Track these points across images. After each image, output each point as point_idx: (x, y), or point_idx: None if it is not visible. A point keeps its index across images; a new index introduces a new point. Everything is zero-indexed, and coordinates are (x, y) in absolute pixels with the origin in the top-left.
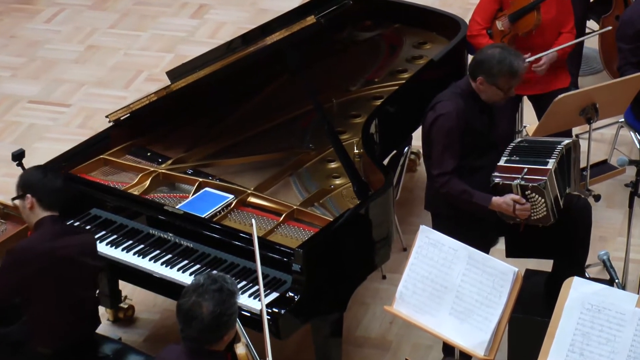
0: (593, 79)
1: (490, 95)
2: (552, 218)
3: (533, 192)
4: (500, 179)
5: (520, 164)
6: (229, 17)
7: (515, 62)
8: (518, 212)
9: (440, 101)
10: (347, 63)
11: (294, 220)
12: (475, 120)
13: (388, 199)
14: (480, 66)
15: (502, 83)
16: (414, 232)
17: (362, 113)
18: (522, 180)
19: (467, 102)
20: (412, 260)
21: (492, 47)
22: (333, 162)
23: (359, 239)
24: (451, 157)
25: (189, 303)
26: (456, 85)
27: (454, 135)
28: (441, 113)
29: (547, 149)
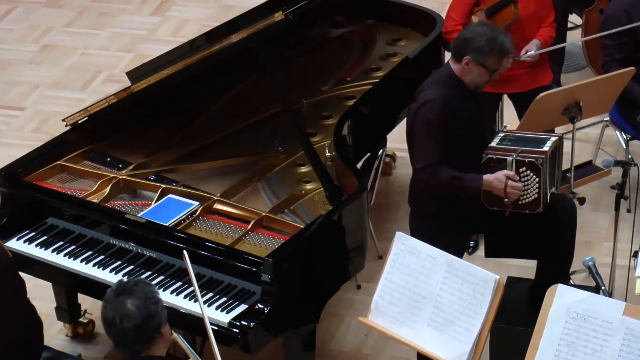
0: (576, 76)
1: (475, 78)
2: (541, 204)
3: (529, 170)
4: (493, 154)
5: (514, 146)
6: (192, 14)
7: (506, 42)
8: (509, 190)
9: (421, 91)
10: (317, 61)
11: (262, 227)
12: (461, 108)
13: (362, 204)
14: (469, 44)
15: (490, 63)
16: (389, 239)
17: (334, 114)
18: (518, 155)
19: (451, 90)
20: (388, 269)
21: (480, 25)
22: (304, 166)
23: (331, 246)
24: (436, 147)
25: (113, 308)
26: (437, 73)
27: (436, 124)
28: (423, 102)
29: (537, 140)
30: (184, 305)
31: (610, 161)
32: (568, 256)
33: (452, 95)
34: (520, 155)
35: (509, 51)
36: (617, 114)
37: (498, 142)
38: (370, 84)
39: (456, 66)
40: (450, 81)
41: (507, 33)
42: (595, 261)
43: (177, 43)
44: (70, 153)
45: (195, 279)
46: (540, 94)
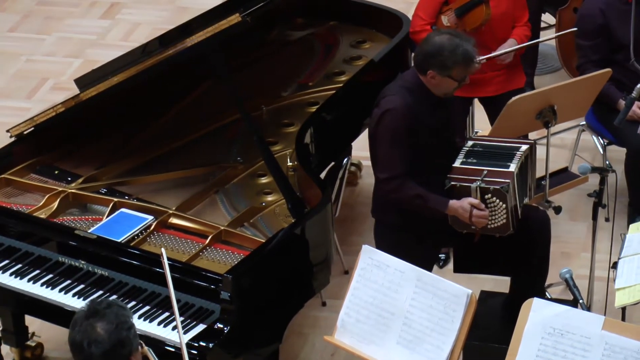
0: (551, 79)
1: (443, 88)
2: (511, 227)
3: (494, 196)
4: (456, 181)
5: (479, 166)
6: (144, 16)
7: (469, 48)
8: (475, 218)
9: (385, 96)
10: (277, 66)
11: (221, 242)
12: (427, 116)
13: (326, 216)
14: (431, 59)
15: (457, 73)
16: (356, 253)
17: (296, 121)
18: (482, 182)
19: (417, 96)
20: (355, 284)
21: (439, 34)
22: (264, 176)
23: (294, 262)
24: (400, 158)
25: (82, 331)
26: (402, 77)
27: (401, 134)
28: (386, 109)
29: (506, 153)
30: (139, 326)
31: (587, 168)
32: (543, 269)
33: (418, 102)
34: (484, 181)
35: (473, 57)
36: (594, 118)
37: (463, 159)
38: (334, 89)
39: (422, 77)
40: (416, 88)
41: (478, 33)
42: (572, 273)
43: (128, 48)
44: (16, 166)
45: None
46: (512, 98)
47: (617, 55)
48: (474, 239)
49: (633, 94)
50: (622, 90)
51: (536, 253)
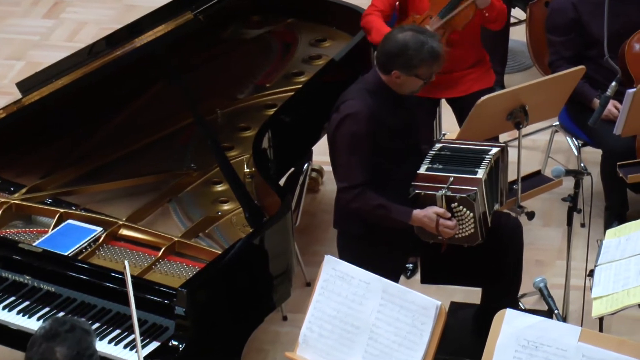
0: (521, 77)
1: (408, 87)
2: (479, 237)
3: (461, 205)
4: (421, 189)
5: (445, 172)
6: (90, 15)
7: (434, 45)
8: (441, 228)
9: (345, 100)
10: (233, 67)
11: (175, 254)
12: (390, 118)
13: (286, 225)
14: (395, 59)
15: (423, 72)
16: (318, 264)
17: (253, 125)
18: (449, 190)
19: (379, 98)
20: (317, 297)
21: (401, 31)
22: (220, 184)
23: (253, 274)
24: (360, 166)
25: (39, 353)
26: (363, 79)
27: (362, 140)
28: (346, 114)
29: (474, 157)
30: None
31: (561, 170)
32: (515, 279)
33: (379, 105)
34: (451, 189)
35: (440, 53)
36: (567, 117)
37: (429, 165)
38: (292, 91)
39: (385, 77)
40: (378, 89)
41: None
42: (546, 282)
43: (74, 49)
44: None
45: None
46: (481, 98)
47: (591, 51)
48: (440, 249)
49: (608, 92)
50: (596, 88)
51: (507, 262)
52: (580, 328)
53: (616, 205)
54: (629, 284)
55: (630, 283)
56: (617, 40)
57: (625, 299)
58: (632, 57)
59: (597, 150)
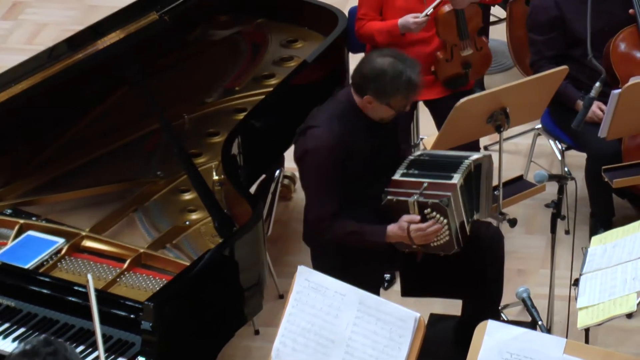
0: (502, 78)
1: (379, 114)
2: (455, 245)
3: (434, 211)
4: (393, 195)
5: (420, 177)
6: (50, 16)
7: (413, 75)
8: (413, 234)
9: (312, 126)
10: (200, 69)
11: (141, 266)
12: (360, 143)
13: (257, 235)
14: (370, 83)
15: (395, 102)
16: (291, 275)
17: (222, 130)
18: (421, 196)
19: (349, 123)
20: (290, 310)
21: (381, 56)
22: (187, 192)
23: (223, 286)
24: (329, 198)
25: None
26: (336, 99)
27: (328, 172)
28: (310, 148)
29: (452, 163)
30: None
31: (544, 175)
32: (496, 291)
33: (350, 130)
34: (423, 195)
35: (417, 86)
36: (550, 120)
37: (404, 171)
38: (263, 94)
39: (357, 98)
40: (349, 111)
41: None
42: (530, 292)
43: (33, 52)
44: None
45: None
46: (460, 100)
47: (574, 50)
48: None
49: (591, 93)
50: (580, 89)
51: (488, 274)
52: (566, 340)
53: (602, 211)
54: (615, 293)
55: (616, 292)
56: (601, 39)
57: (612, 309)
58: (617, 56)
59: (582, 154)
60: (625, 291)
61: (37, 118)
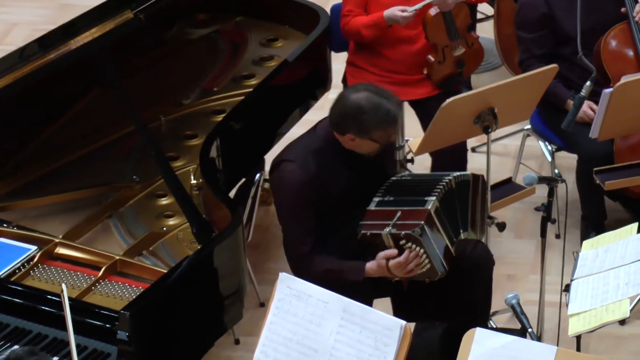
0: (490, 77)
1: (365, 149)
2: (439, 271)
3: (409, 242)
4: (367, 229)
5: (394, 205)
6: (21, 15)
7: (390, 107)
8: (393, 270)
9: (285, 160)
10: (177, 69)
11: (116, 274)
12: (336, 182)
13: (237, 241)
14: (348, 121)
15: (379, 136)
16: (272, 282)
17: (200, 132)
18: (394, 227)
19: (325, 159)
20: (272, 318)
21: (355, 92)
22: (164, 197)
23: (202, 294)
24: (304, 236)
25: None
26: (314, 132)
27: (301, 210)
28: (282, 184)
29: (427, 184)
30: None
31: (534, 178)
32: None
33: (325, 167)
34: (396, 225)
35: (396, 117)
36: (540, 120)
37: (380, 199)
38: (242, 95)
39: (339, 136)
40: (327, 146)
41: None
42: (519, 298)
43: (4, 52)
44: None
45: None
46: (446, 100)
47: (564, 49)
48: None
49: (582, 92)
50: (570, 89)
51: (475, 294)
52: (556, 347)
53: (593, 215)
54: (607, 299)
55: (609, 298)
56: (591, 37)
57: (604, 316)
58: (608, 54)
59: (572, 155)
60: (617, 297)
61: (7, 121)
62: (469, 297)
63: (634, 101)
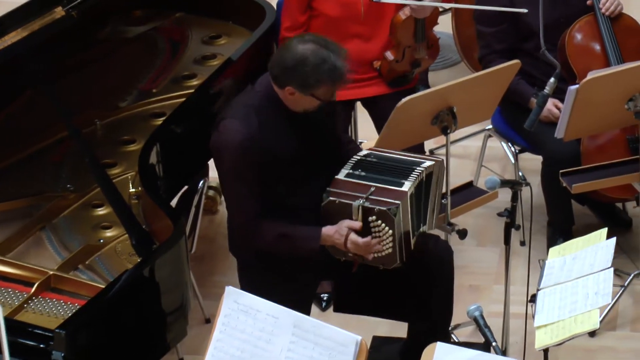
0: (448, 74)
1: (302, 106)
2: (397, 259)
3: (379, 219)
4: (336, 196)
5: (366, 180)
6: None
7: (338, 62)
8: (349, 244)
9: (225, 118)
10: (113, 70)
11: (51, 290)
12: (281, 144)
13: (180, 253)
14: (290, 73)
15: (321, 93)
16: (218, 297)
17: (138, 137)
18: (367, 200)
19: (269, 117)
20: (218, 335)
21: (302, 42)
22: (101, 207)
23: (143, 311)
24: (249, 198)
25: None
26: (254, 89)
27: (244, 172)
28: (223, 144)
29: (402, 168)
30: None
31: (496, 181)
32: (445, 312)
33: (269, 127)
34: (370, 200)
35: (343, 73)
36: (502, 120)
37: (350, 171)
38: (184, 96)
39: (278, 90)
40: (269, 104)
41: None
42: (482, 310)
43: None
44: None
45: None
46: (402, 100)
47: (527, 43)
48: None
49: (546, 89)
50: (533, 86)
51: (435, 294)
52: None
53: (560, 220)
54: (576, 310)
55: (577, 309)
56: (556, 31)
57: (573, 327)
58: (573, 48)
59: (537, 157)
60: (587, 307)
61: None
62: (429, 295)
63: (602, 98)
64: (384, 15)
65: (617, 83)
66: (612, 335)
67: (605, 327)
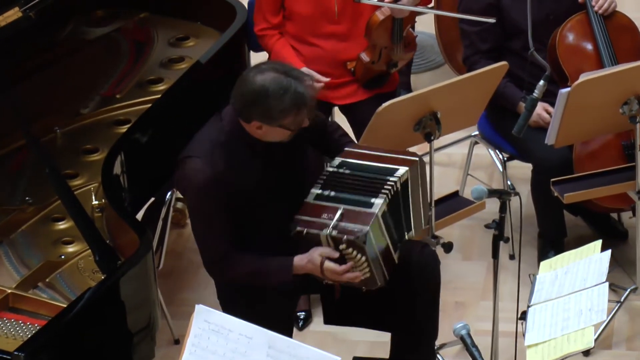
0: (431, 77)
1: (274, 137)
2: (379, 281)
3: (349, 247)
4: (304, 226)
5: (335, 202)
6: None
7: (300, 89)
8: (327, 273)
9: (188, 156)
10: (73, 74)
11: (8, 310)
12: (245, 176)
13: (146, 269)
14: (252, 107)
15: (289, 122)
16: (187, 316)
17: (101, 146)
18: (335, 229)
19: (234, 151)
20: (188, 357)
21: (260, 73)
22: (62, 220)
23: (107, 331)
24: (217, 238)
25: None
26: (220, 120)
27: (209, 211)
28: (187, 184)
29: (373, 180)
30: None
31: (483, 191)
32: (431, 325)
33: (235, 159)
34: (337, 228)
35: (307, 100)
36: (488, 126)
37: (319, 192)
38: (149, 102)
39: (244, 124)
40: (235, 136)
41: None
42: (469, 328)
43: None
44: None
45: None
46: (382, 105)
47: (514, 43)
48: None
49: (535, 93)
50: (521, 89)
51: (419, 307)
52: None
53: (551, 232)
54: (569, 328)
55: (570, 326)
56: (545, 29)
57: (566, 346)
58: (564, 49)
59: (526, 164)
60: (580, 324)
61: None
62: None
63: (595, 102)
64: (360, 14)
65: (611, 85)
66: (608, 354)
67: (600, 346)
